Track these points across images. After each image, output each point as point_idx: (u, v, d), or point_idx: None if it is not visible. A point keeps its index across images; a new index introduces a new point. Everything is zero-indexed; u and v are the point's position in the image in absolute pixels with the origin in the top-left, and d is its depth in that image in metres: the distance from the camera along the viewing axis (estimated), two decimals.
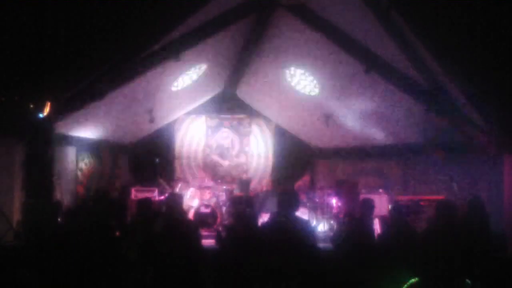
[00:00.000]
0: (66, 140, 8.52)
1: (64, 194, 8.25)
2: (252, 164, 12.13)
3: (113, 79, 7.21)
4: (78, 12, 6.08)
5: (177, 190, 9.70)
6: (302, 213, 8.04)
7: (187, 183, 10.35)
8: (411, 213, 7.58)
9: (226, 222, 8.98)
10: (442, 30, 6.43)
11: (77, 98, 7.07)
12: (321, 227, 8.92)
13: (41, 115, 6.55)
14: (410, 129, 9.12)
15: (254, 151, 12.15)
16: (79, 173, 9.46)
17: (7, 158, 7.16)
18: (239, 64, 10.34)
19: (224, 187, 10.11)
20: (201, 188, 9.91)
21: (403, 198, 8.64)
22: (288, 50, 8.98)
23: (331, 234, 8.30)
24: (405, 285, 3.90)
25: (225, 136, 12.09)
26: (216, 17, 7.40)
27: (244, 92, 11.69)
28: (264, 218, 8.60)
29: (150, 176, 10.32)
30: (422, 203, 8.06)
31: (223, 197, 9.82)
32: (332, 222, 8.83)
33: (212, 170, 11.33)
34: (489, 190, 7.96)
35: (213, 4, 6.93)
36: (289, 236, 4.05)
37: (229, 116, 12.08)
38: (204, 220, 9.08)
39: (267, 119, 12.17)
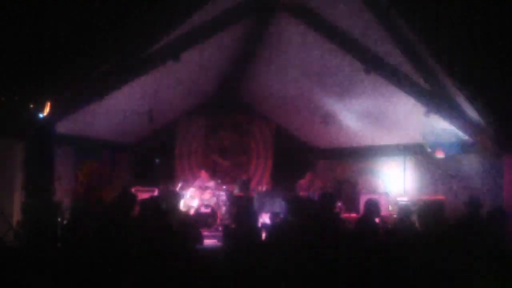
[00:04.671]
0: (66, 140, 8.52)
1: (64, 194, 8.25)
2: (252, 164, 12.12)
3: (113, 79, 7.21)
4: (78, 12, 6.08)
5: (177, 190, 9.70)
6: None
7: (187, 183, 10.34)
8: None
9: (226, 222, 8.98)
10: (442, 30, 6.43)
11: (77, 98, 7.07)
12: None
13: (41, 115, 6.54)
14: (410, 129, 9.12)
15: (254, 151, 12.15)
16: (79, 173, 9.46)
17: (7, 158, 7.16)
18: (239, 64, 10.34)
19: (224, 187, 10.10)
20: (201, 188, 9.90)
21: (403, 198, 8.64)
22: (288, 50, 8.98)
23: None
24: None
25: (225, 136, 12.08)
26: (216, 17, 7.40)
27: (244, 92, 11.68)
28: (264, 218, 8.62)
29: (150, 176, 10.32)
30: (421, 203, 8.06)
31: (223, 197, 9.82)
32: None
33: (212, 170, 11.32)
34: (489, 190, 7.96)
35: (213, 4, 6.93)
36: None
37: (229, 116, 12.07)
38: (204, 220, 9.08)
39: (267, 119, 12.17)
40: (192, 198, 9.71)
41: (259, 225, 6.00)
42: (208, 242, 7.94)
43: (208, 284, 4.19)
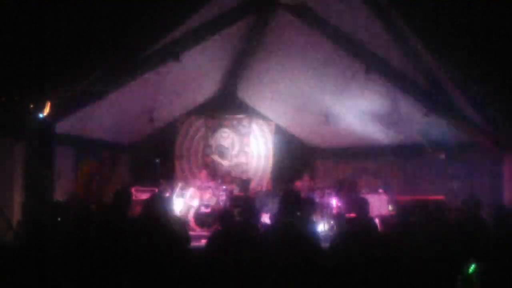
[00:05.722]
0: (66, 140, 8.51)
1: (64, 194, 8.25)
2: (252, 164, 12.12)
3: (113, 79, 7.21)
4: (78, 12, 6.09)
5: (177, 190, 9.70)
6: None
7: (187, 183, 10.34)
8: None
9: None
10: (442, 30, 6.43)
11: (77, 98, 7.07)
12: (321, 227, 8.91)
13: (41, 115, 6.55)
14: (410, 129, 9.12)
15: (254, 151, 12.14)
16: (79, 173, 9.46)
17: (7, 158, 7.16)
18: (239, 64, 10.34)
19: (224, 187, 10.10)
20: (201, 188, 9.90)
21: (403, 198, 8.64)
22: (288, 50, 8.98)
23: (331, 234, 8.31)
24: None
25: (225, 136, 12.08)
26: (216, 17, 7.40)
27: (244, 92, 11.69)
28: (264, 218, 8.60)
29: (150, 176, 10.32)
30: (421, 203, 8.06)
31: (223, 197, 9.81)
32: (332, 222, 8.83)
33: (212, 170, 11.32)
34: (489, 190, 7.96)
35: (213, 4, 6.93)
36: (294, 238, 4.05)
37: (229, 116, 12.07)
38: (204, 220, 9.09)
39: (267, 119, 12.16)
40: (192, 198, 9.71)
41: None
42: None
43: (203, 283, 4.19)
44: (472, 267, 3.95)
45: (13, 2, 5.89)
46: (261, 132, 12.20)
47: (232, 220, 4.85)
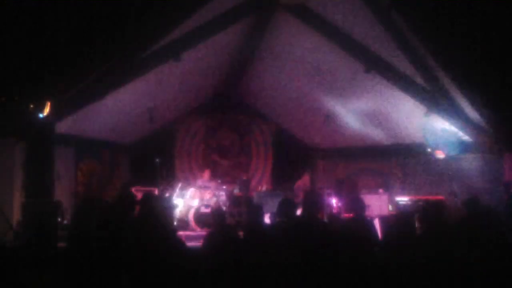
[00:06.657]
0: (66, 140, 8.51)
1: (64, 194, 8.25)
2: (252, 164, 12.13)
3: (113, 79, 7.21)
4: (78, 12, 6.09)
5: (177, 190, 9.70)
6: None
7: (187, 183, 10.34)
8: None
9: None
10: (442, 30, 6.44)
11: (77, 98, 7.07)
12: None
13: (41, 115, 6.54)
14: (410, 129, 9.12)
15: (254, 151, 12.15)
16: (79, 173, 9.46)
17: (7, 158, 7.17)
18: (239, 64, 10.33)
19: (224, 187, 10.10)
20: (201, 188, 9.90)
21: (403, 198, 8.64)
22: (288, 50, 8.98)
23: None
24: None
25: (225, 136, 12.08)
26: (216, 17, 7.39)
27: (244, 92, 11.69)
28: (264, 218, 8.60)
29: (150, 176, 10.32)
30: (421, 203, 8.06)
31: (223, 197, 9.81)
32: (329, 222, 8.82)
33: (212, 170, 11.33)
34: (489, 190, 7.96)
35: (213, 4, 6.93)
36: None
37: (229, 116, 12.08)
38: (204, 220, 9.09)
39: (267, 119, 12.17)
40: (192, 198, 9.71)
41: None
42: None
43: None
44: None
45: (13, 2, 5.89)
46: (261, 132, 12.21)
47: (225, 220, 4.86)
